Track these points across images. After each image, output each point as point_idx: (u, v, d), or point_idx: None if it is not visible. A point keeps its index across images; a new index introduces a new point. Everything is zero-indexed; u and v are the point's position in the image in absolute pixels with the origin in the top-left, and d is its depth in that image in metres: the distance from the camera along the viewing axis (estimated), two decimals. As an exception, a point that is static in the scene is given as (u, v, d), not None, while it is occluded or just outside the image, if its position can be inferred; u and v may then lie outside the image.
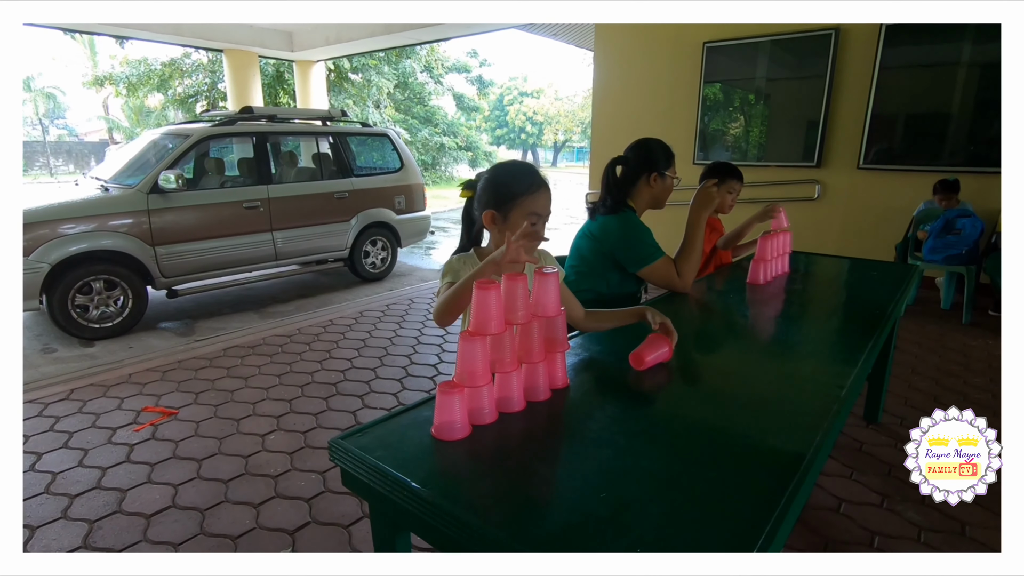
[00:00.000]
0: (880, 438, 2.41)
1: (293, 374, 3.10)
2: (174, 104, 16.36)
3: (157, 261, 4.15)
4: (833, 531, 1.84)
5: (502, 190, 1.27)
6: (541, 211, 1.27)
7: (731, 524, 0.77)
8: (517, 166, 1.33)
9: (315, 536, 1.80)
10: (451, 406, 0.96)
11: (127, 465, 2.20)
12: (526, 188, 1.26)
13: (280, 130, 5.20)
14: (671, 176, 2.00)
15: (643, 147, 2.01)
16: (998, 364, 3.23)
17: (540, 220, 1.28)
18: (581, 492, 0.84)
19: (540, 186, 1.28)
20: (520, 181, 1.27)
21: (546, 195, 1.29)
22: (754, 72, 5.34)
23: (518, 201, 1.26)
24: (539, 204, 1.27)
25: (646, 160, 1.98)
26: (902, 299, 1.97)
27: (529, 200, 1.26)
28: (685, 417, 1.11)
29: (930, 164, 4.53)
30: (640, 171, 1.98)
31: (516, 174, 1.29)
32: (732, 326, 1.80)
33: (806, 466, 0.90)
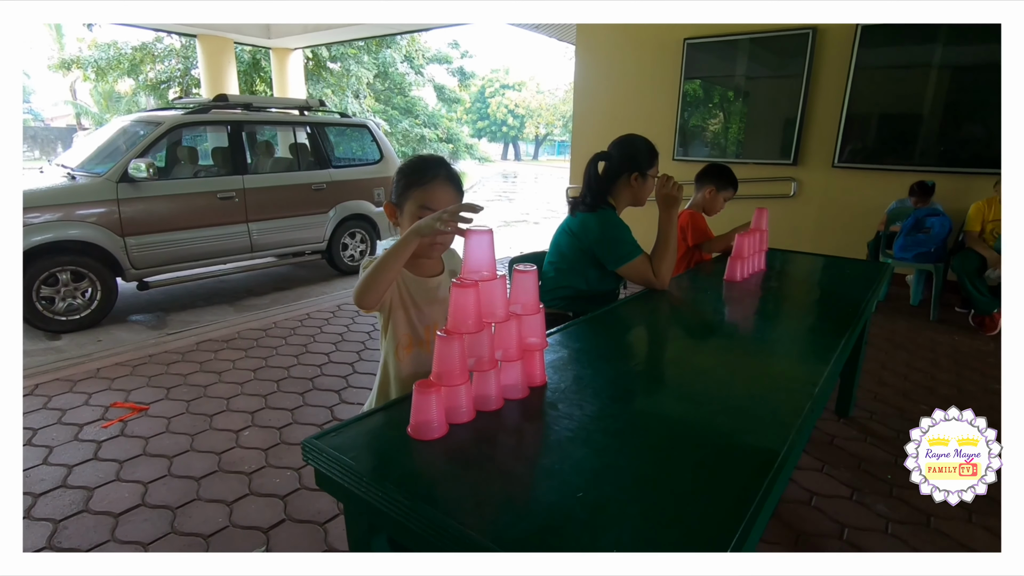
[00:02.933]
0: (851, 432, 2.46)
1: (268, 369, 3.04)
2: (145, 90, 15.90)
3: (127, 252, 4.03)
4: (805, 524, 1.88)
5: (400, 181, 1.21)
6: (435, 205, 1.16)
7: (707, 522, 0.77)
8: (422, 157, 1.24)
9: (290, 534, 1.77)
10: (427, 405, 0.95)
11: (94, 463, 2.14)
12: (418, 180, 1.18)
13: (256, 119, 5.09)
14: (653, 176, 1.99)
15: (627, 145, 2.00)
16: (964, 359, 3.33)
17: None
18: (559, 492, 0.84)
19: (435, 178, 1.18)
20: (416, 172, 1.19)
21: (444, 187, 1.19)
22: (733, 69, 5.39)
23: (410, 193, 1.19)
24: (433, 197, 1.17)
25: (630, 159, 1.97)
26: (873, 297, 2.01)
27: (420, 192, 1.18)
28: (662, 415, 1.12)
29: (902, 164, 4.63)
30: (622, 170, 1.97)
31: (416, 165, 1.21)
32: (709, 323, 1.81)
33: (780, 463, 0.91)
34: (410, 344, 1.26)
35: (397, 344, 1.26)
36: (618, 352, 1.49)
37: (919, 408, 2.69)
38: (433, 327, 1.26)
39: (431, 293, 1.27)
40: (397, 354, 1.26)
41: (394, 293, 1.23)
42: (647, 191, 2.01)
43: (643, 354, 1.54)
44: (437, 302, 1.28)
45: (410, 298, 1.25)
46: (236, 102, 4.98)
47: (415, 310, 1.25)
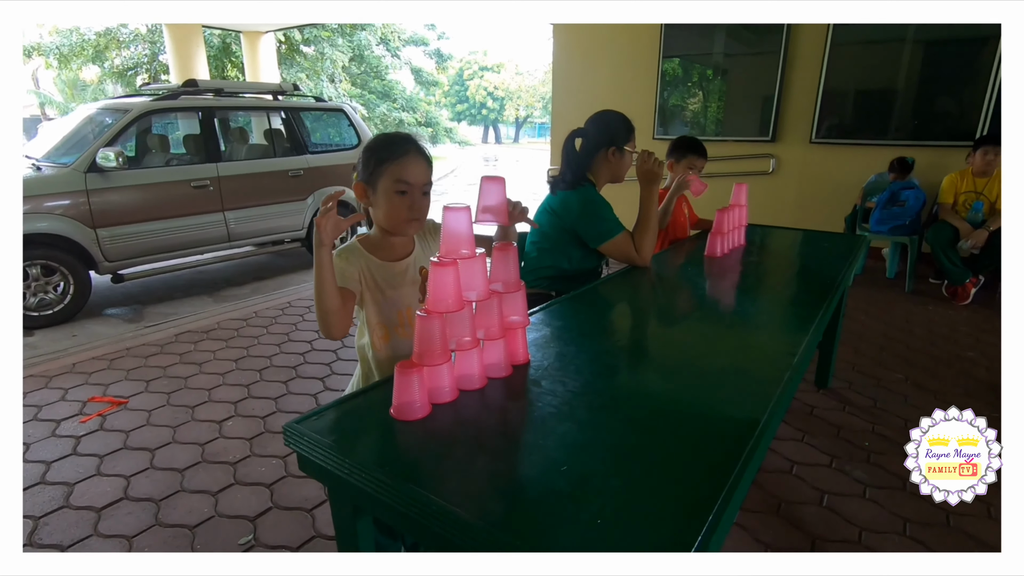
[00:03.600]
0: (830, 402, 2.52)
1: (250, 358, 3.01)
2: (112, 77, 15.37)
3: (99, 244, 3.93)
4: (786, 492, 1.92)
5: (370, 158, 1.18)
6: (410, 179, 1.16)
7: (689, 490, 0.78)
8: (389, 134, 1.22)
9: (278, 521, 1.76)
10: (410, 386, 0.94)
11: (74, 458, 2.11)
12: (391, 154, 1.15)
13: (228, 105, 4.95)
14: (630, 151, 1.98)
15: (603, 121, 1.99)
16: (937, 328, 3.41)
17: (412, 189, 1.17)
18: (543, 467, 0.84)
19: (407, 152, 1.16)
20: (387, 149, 1.17)
21: (416, 161, 1.18)
22: (711, 47, 5.39)
23: (384, 168, 1.16)
24: (407, 171, 1.16)
25: (605, 134, 1.96)
26: (850, 270, 2.04)
27: (395, 167, 1.15)
28: (644, 389, 1.13)
29: (878, 138, 4.69)
30: (599, 145, 1.97)
31: (385, 141, 1.19)
32: (690, 298, 1.83)
33: (760, 431, 0.92)
34: (385, 334, 1.25)
35: (372, 334, 1.25)
36: (601, 329, 1.49)
37: (894, 377, 2.75)
38: (407, 310, 1.25)
39: (399, 277, 1.25)
40: (374, 344, 1.25)
41: (362, 285, 1.21)
42: (625, 166, 2.00)
43: (625, 330, 1.55)
44: (407, 284, 1.26)
45: (377, 286, 1.23)
46: (206, 87, 4.84)
47: (384, 298, 1.23)
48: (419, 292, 1.26)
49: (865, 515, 1.81)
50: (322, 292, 1.09)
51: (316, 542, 1.68)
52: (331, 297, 1.09)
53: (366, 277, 1.22)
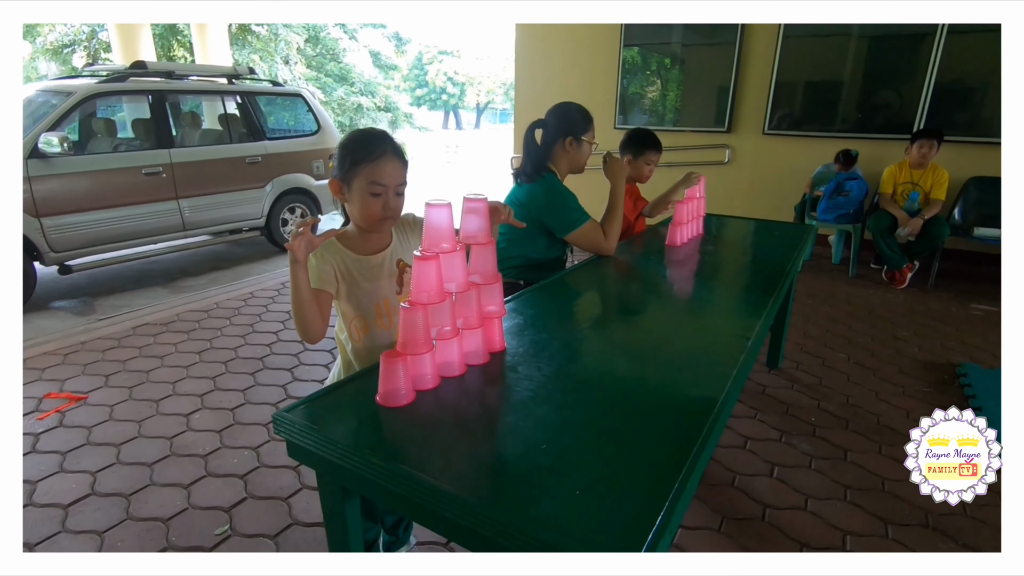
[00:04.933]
0: (780, 381, 2.69)
1: (214, 350, 2.96)
2: (45, 55, 14.43)
3: (44, 234, 3.76)
4: (740, 465, 2.06)
5: (345, 157, 1.19)
6: (385, 180, 1.18)
7: (657, 464, 0.86)
8: (365, 132, 1.22)
9: (254, 511, 1.78)
10: (395, 373, 0.99)
11: (33, 456, 2.05)
12: (367, 155, 1.17)
13: (180, 88, 4.77)
14: (588, 141, 2.04)
15: (560, 112, 2.05)
16: (877, 311, 3.66)
17: (386, 190, 1.19)
18: (524, 445, 0.91)
19: (383, 153, 1.18)
20: (363, 147, 1.18)
21: (392, 163, 1.19)
22: (670, 37, 5.51)
23: (359, 169, 1.17)
24: (383, 173, 1.17)
25: (563, 125, 2.02)
26: (799, 257, 2.18)
27: (370, 169, 1.17)
28: (613, 372, 1.20)
29: (825, 131, 4.93)
30: (557, 135, 2.03)
31: (361, 140, 1.20)
32: (653, 286, 1.92)
33: (718, 409, 1.01)
34: (364, 326, 1.28)
35: (350, 326, 1.28)
36: (571, 316, 1.56)
37: (838, 357, 2.95)
38: (384, 302, 1.28)
39: (376, 269, 1.28)
40: (352, 335, 1.29)
41: (339, 280, 1.24)
42: (584, 156, 2.06)
43: (594, 317, 1.63)
44: (383, 277, 1.29)
45: (353, 279, 1.25)
46: (156, 70, 4.65)
47: (361, 291, 1.26)
48: (396, 284, 1.29)
49: (810, 483, 1.96)
50: (299, 306, 1.13)
51: (294, 529, 1.71)
52: (308, 309, 1.14)
53: (342, 271, 1.24)
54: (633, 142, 2.52)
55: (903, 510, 1.83)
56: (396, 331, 1.20)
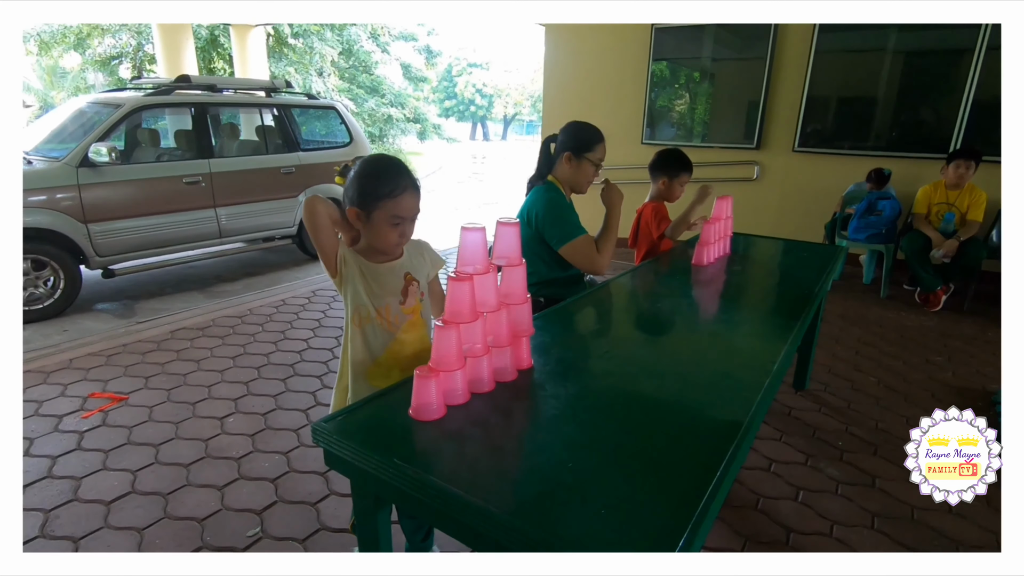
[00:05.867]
0: (807, 403, 2.65)
1: (248, 356, 3.06)
2: (94, 66, 15.09)
3: (91, 239, 3.93)
4: (764, 488, 2.04)
5: (367, 189, 1.25)
6: (405, 214, 1.27)
7: (681, 486, 0.88)
8: (384, 164, 1.28)
9: (284, 514, 1.84)
10: (427, 389, 1.03)
11: (79, 453, 2.15)
12: (389, 191, 1.24)
13: (221, 101, 4.96)
14: (590, 162, 2.02)
15: (569, 128, 2.07)
16: (909, 333, 3.58)
17: (404, 221, 1.28)
18: (549, 463, 0.94)
19: (404, 189, 1.26)
20: (385, 183, 1.24)
21: (411, 197, 1.28)
22: (700, 51, 5.51)
23: (381, 203, 1.24)
24: (403, 207, 1.26)
25: (568, 140, 2.04)
26: (827, 279, 2.17)
27: (392, 203, 1.25)
28: (638, 392, 1.23)
29: (858, 149, 4.86)
30: (561, 149, 2.05)
31: (382, 174, 1.26)
32: (678, 306, 1.93)
33: (743, 432, 1.03)
34: (360, 321, 1.34)
35: (350, 316, 1.36)
36: (596, 335, 1.59)
37: (868, 380, 2.90)
38: (387, 308, 1.34)
39: (384, 275, 1.35)
40: (352, 323, 1.36)
41: (352, 270, 1.32)
42: (584, 175, 2.04)
43: (619, 336, 1.65)
44: (391, 283, 1.35)
45: (363, 277, 1.33)
46: (199, 83, 4.85)
47: (368, 288, 1.33)
48: (401, 295, 1.35)
49: (837, 510, 1.94)
50: (318, 233, 1.29)
51: (322, 534, 1.76)
52: (324, 234, 1.28)
53: (353, 265, 1.33)
54: (668, 164, 2.55)
55: (933, 540, 1.79)
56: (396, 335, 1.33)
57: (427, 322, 1.40)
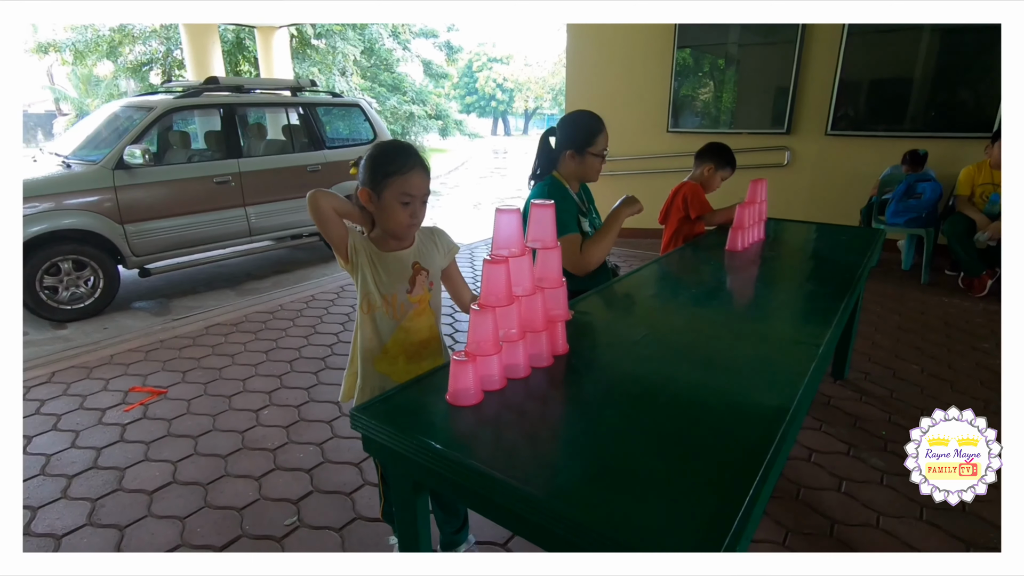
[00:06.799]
0: (847, 393, 2.57)
1: (280, 350, 3.11)
2: (125, 73, 15.51)
3: (127, 239, 4.04)
4: (805, 478, 1.99)
5: (376, 169, 1.26)
6: (414, 192, 1.25)
7: (727, 473, 0.85)
8: (394, 145, 1.30)
9: (320, 504, 1.86)
10: (464, 374, 1.02)
11: (122, 444, 2.21)
12: (398, 168, 1.24)
13: (249, 101, 5.04)
14: (593, 154, 1.94)
15: (567, 123, 1.99)
16: (952, 319, 3.44)
17: (414, 200, 1.26)
18: (592, 446, 0.92)
19: (413, 167, 1.25)
20: (393, 161, 1.25)
21: (420, 176, 1.27)
22: (726, 37, 5.38)
23: (390, 181, 1.24)
24: (412, 185, 1.25)
25: (568, 137, 1.96)
26: (868, 262, 2.09)
27: (401, 180, 1.24)
28: (678, 378, 1.19)
29: (894, 130, 4.69)
30: (562, 147, 1.97)
31: (391, 153, 1.27)
32: (715, 291, 1.89)
33: (790, 418, 0.99)
34: (369, 308, 1.34)
35: (359, 302, 1.36)
36: (632, 320, 1.56)
37: (911, 368, 2.80)
38: (393, 296, 1.33)
39: (394, 264, 1.34)
40: (362, 309, 1.36)
41: (361, 258, 1.32)
42: (589, 168, 1.97)
43: (655, 322, 1.61)
44: (400, 273, 1.34)
45: (373, 265, 1.33)
46: (227, 84, 4.93)
47: (378, 276, 1.33)
48: (408, 284, 1.34)
49: (883, 500, 1.87)
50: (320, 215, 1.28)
51: (357, 524, 1.77)
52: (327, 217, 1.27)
53: (368, 255, 1.32)
54: (718, 154, 2.58)
55: (987, 532, 1.72)
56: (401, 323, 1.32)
57: (435, 312, 1.40)
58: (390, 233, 1.32)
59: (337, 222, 1.28)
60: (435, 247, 1.40)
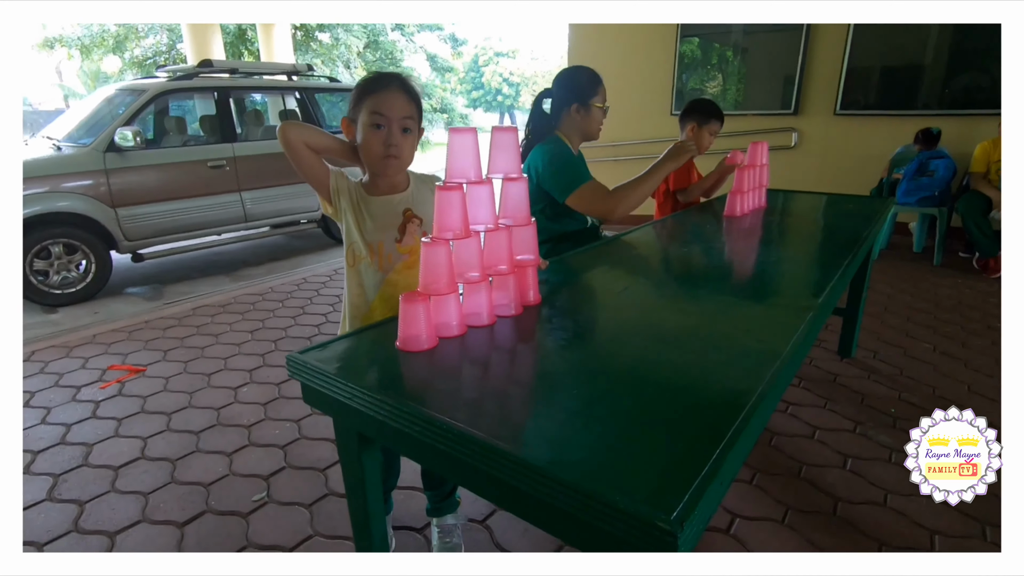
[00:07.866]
0: (854, 371, 2.44)
1: (266, 330, 3.02)
2: (132, 68, 15.57)
3: (119, 223, 3.97)
4: (807, 456, 1.87)
5: (356, 92, 1.18)
6: (386, 111, 1.14)
7: (705, 416, 0.74)
8: (378, 71, 1.23)
9: (291, 480, 1.76)
10: (415, 317, 0.91)
11: (93, 421, 2.13)
12: (373, 87, 1.15)
13: (243, 85, 4.96)
14: (597, 106, 1.86)
15: (565, 78, 1.90)
16: (967, 300, 3.29)
17: (389, 123, 1.14)
18: (552, 390, 0.81)
19: (388, 85, 1.15)
20: (371, 81, 1.17)
21: (396, 95, 1.15)
22: (731, 24, 5.23)
23: (364, 100, 1.15)
24: (384, 103, 1.14)
25: (569, 91, 1.86)
26: (876, 228, 1.96)
27: (372, 99, 1.14)
28: (658, 326, 1.08)
29: (905, 108, 4.52)
30: (564, 103, 1.87)
31: (371, 77, 1.19)
32: (707, 254, 1.76)
33: (783, 360, 0.88)
34: (353, 260, 1.24)
35: (347, 252, 1.26)
36: (615, 279, 1.45)
37: (922, 346, 2.66)
38: (380, 245, 1.23)
39: (382, 207, 1.23)
40: (347, 262, 1.26)
41: (346, 201, 1.22)
42: (595, 122, 1.88)
43: (640, 282, 1.49)
44: (386, 219, 1.23)
45: (359, 211, 1.23)
46: (221, 67, 4.85)
47: (359, 224, 1.23)
48: (398, 232, 1.23)
49: (891, 478, 1.75)
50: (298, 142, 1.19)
51: (328, 499, 1.67)
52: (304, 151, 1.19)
53: (352, 198, 1.23)
54: (698, 110, 2.35)
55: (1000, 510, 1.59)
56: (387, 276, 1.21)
57: None
58: (369, 168, 1.22)
59: (310, 157, 1.18)
60: (431, 194, 1.28)
